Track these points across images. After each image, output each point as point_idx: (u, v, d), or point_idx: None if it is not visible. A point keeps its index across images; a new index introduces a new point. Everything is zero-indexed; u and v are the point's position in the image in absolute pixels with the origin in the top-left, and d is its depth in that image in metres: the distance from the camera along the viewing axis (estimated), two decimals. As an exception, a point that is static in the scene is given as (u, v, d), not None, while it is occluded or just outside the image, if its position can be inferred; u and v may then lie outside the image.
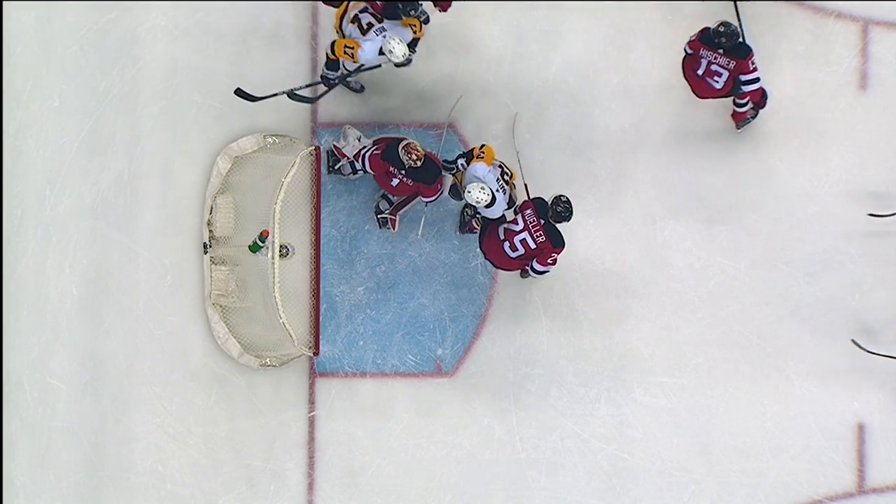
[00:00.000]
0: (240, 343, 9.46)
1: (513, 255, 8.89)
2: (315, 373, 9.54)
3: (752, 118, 9.35)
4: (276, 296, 8.85)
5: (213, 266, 9.47)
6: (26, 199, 9.55)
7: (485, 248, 9.04)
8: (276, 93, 9.11)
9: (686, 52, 8.98)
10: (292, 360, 9.48)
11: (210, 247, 9.48)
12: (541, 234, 8.80)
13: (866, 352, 9.18)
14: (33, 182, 9.55)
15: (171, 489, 9.50)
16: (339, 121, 9.45)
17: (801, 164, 9.45)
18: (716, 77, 8.89)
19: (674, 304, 9.47)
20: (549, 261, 8.88)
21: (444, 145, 9.44)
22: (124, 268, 9.56)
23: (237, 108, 9.52)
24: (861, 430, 9.40)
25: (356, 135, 9.35)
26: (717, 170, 9.49)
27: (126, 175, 9.56)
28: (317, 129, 9.53)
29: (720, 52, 8.80)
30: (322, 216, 9.37)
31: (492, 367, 9.50)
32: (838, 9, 9.46)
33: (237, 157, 9.49)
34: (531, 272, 9.01)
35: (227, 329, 9.46)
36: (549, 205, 8.77)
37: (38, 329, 9.52)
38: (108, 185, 9.56)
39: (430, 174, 8.95)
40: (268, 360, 9.47)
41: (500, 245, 8.89)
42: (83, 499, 9.49)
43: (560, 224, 8.80)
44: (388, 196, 9.35)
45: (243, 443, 9.52)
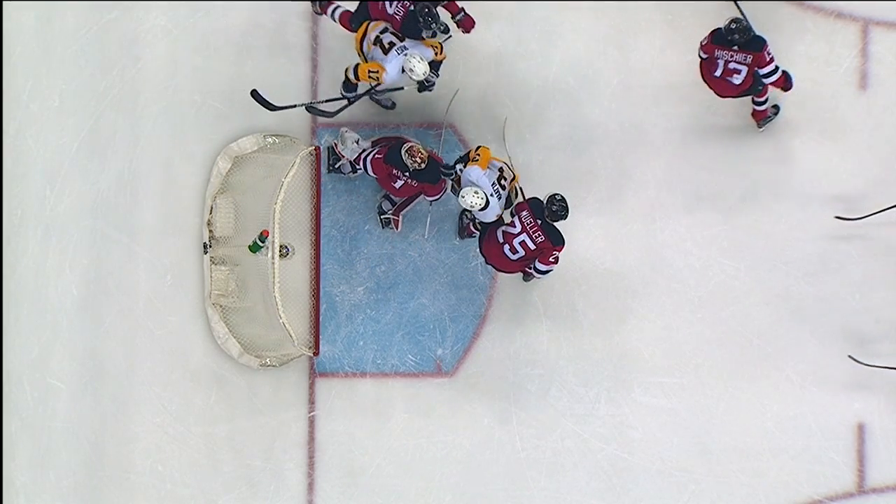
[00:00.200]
0: (240, 343, 9.46)
1: (514, 257, 8.89)
2: (315, 373, 9.54)
3: (773, 115, 9.35)
4: (276, 296, 8.85)
5: (213, 266, 9.47)
6: (26, 199, 9.55)
7: (485, 253, 9.04)
8: (294, 104, 9.09)
9: (701, 56, 8.97)
10: (292, 360, 9.48)
11: (210, 247, 9.48)
12: (539, 235, 8.80)
13: (864, 365, 9.19)
14: (33, 182, 9.55)
15: (171, 489, 9.50)
16: (339, 121, 9.43)
17: (801, 164, 9.45)
18: (735, 74, 8.90)
19: (674, 304, 9.47)
20: (550, 259, 8.88)
21: (443, 145, 9.44)
22: (124, 268, 9.56)
23: (237, 108, 9.52)
24: (861, 430, 9.40)
25: (354, 138, 9.33)
26: (717, 170, 9.49)
27: (126, 175, 9.56)
28: (317, 129, 9.53)
29: (735, 48, 8.81)
30: (322, 216, 9.37)
31: (492, 367, 9.50)
32: (838, 9, 9.46)
33: (237, 157, 9.49)
34: (535, 272, 9.00)
35: (227, 329, 9.46)
36: (545, 204, 8.77)
37: (38, 329, 9.52)
38: (108, 185, 9.56)
39: (434, 174, 8.95)
40: (268, 360, 9.48)
41: (501, 248, 8.89)
42: (83, 499, 9.50)
43: (557, 222, 8.79)
44: (391, 196, 9.34)
45: (243, 443, 9.52)
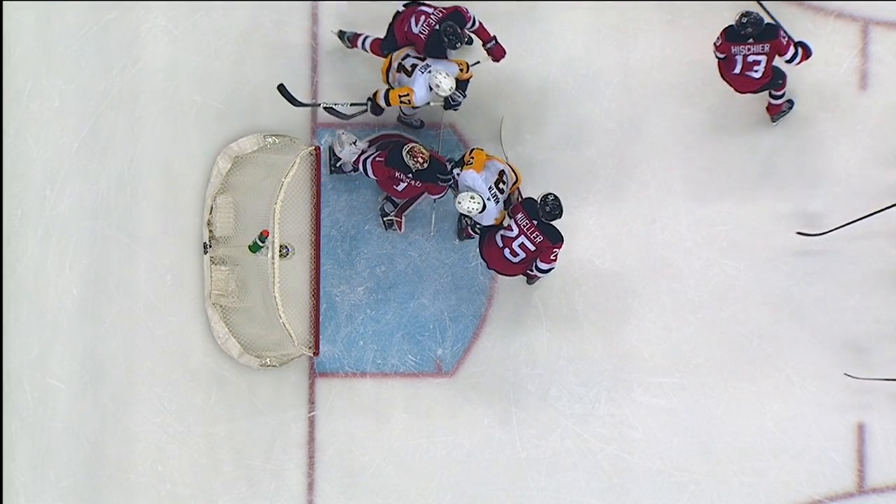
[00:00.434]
0: (240, 343, 9.46)
1: (515, 260, 8.89)
2: (315, 373, 9.54)
3: (787, 110, 9.34)
4: (276, 296, 8.85)
5: (213, 266, 9.47)
6: (26, 199, 9.55)
7: (486, 258, 9.04)
8: (316, 102, 9.20)
9: (718, 57, 8.95)
10: (292, 360, 9.48)
11: (210, 247, 9.49)
12: (537, 235, 8.80)
13: (861, 379, 9.19)
14: (33, 182, 9.55)
15: (171, 489, 9.50)
16: (340, 121, 9.43)
17: (801, 165, 9.45)
18: (755, 67, 8.88)
19: (674, 304, 9.47)
20: (551, 258, 8.88)
21: (442, 145, 9.44)
22: (124, 268, 9.56)
23: (237, 108, 9.53)
24: (861, 430, 9.40)
25: (351, 139, 9.31)
26: (717, 170, 9.49)
27: (126, 175, 9.56)
28: (317, 129, 9.53)
29: (751, 41, 8.80)
30: (322, 216, 9.38)
31: (492, 367, 9.50)
32: (838, 9, 9.46)
33: (237, 157, 9.49)
34: (537, 272, 8.99)
35: (227, 329, 9.47)
36: (538, 205, 8.77)
37: (38, 329, 9.52)
38: (108, 185, 9.56)
39: (438, 172, 8.94)
40: (268, 360, 9.48)
41: (501, 252, 8.89)
42: (83, 499, 9.50)
43: (554, 221, 8.79)
44: (392, 198, 9.33)
45: (243, 443, 9.52)
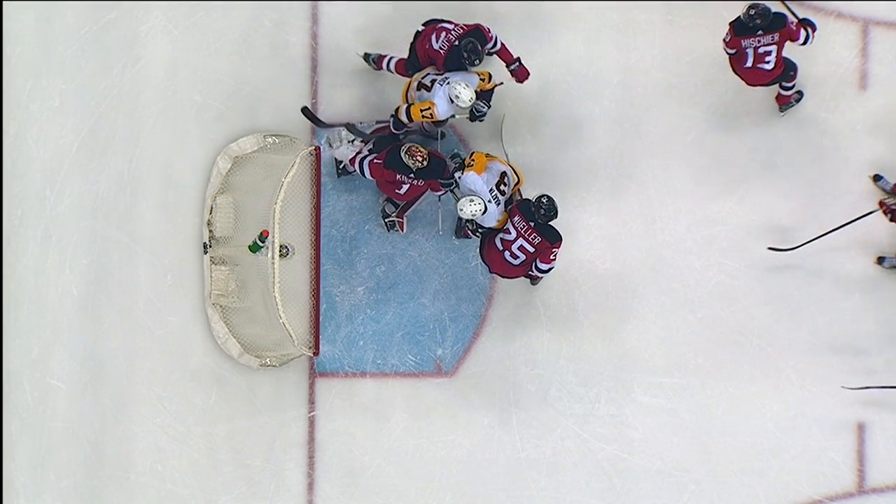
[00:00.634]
0: (240, 343, 9.46)
1: (515, 262, 8.90)
2: (315, 373, 9.54)
3: (795, 102, 9.34)
4: (276, 296, 8.86)
5: (213, 266, 9.47)
6: (26, 199, 9.55)
7: (488, 262, 9.05)
8: (342, 123, 9.23)
9: (728, 52, 8.94)
10: (292, 360, 9.48)
11: (210, 247, 9.49)
12: (535, 236, 8.80)
13: (859, 389, 9.19)
14: (33, 182, 9.55)
15: (171, 489, 9.50)
16: (340, 121, 9.44)
17: (800, 164, 9.45)
18: (766, 59, 8.86)
19: (674, 304, 9.47)
20: (551, 258, 8.88)
21: (442, 145, 9.43)
22: (124, 268, 9.56)
23: (237, 108, 9.53)
24: (861, 430, 9.40)
25: (348, 137, 9.32)
26: (717, 170, 9.49)
27: (126, 175, 9.57)
28: (316, 129, 9.53)
29: (760, 33, 8.79)
30: (322, 216, 9.38)
31: (492, 367, 9.50)
32: (838, 9, 9.46)
33: (237, 157, 9.49)
34: (537, 272, 9.00)
35: (227, 329, 9.47)
36: (532, 208, 8.77)
37: (38, 329, 9.53)
38: (108, 185, 9.56)
39: (438, 168, 8.93)
40: (268, 360, 9.48)
41: (501, 255, 8.90)
42: (83, 499, 9.50)
43: (550, 221, 8.79)
44: (393, 199, 9.32)
45: (243, 443, 9.52)
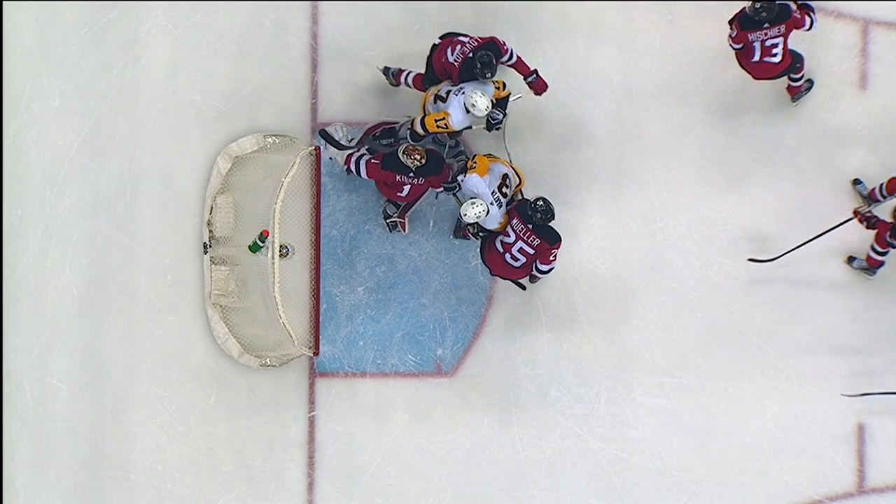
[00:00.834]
0: (240, 343, 9.46)
1: (516, 265, 8.91)
2: (315, 373, 9.54)
3: (806, 90, 9.34)
4: (276, 296, 8.85)
5: (213, 266, 9.47)
6: (26, 199, 9.55)
7: (489, 264, 9.06)
8: (360, 143, 9.15)
9: (734, 48, 8.93)
10: (292, 360, 9.48)
11: (210, 247, 9.49)
12: (534, 238, 8.81)
13: (859, 396, 9.19)
14: (33, 182, 9.55)
15: (171, 489, 9.50)
16: (340, 120, 9.43)
17: (800, 164, 9.45)
18: (773, 51, 8.85)
19: (674, 304, 9.47)
20: (550, 258, 8.89)
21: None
22: (124, 268, 9.56)
23: (237, 108, 9.53)
24: (861, 430, 9.40)
25: (348, 136, 9.30)
26: (717, 170, 9.49)
27: (126, 175, 9.56)
28: (317, 129, 9.52)
29: (766, 26, 8.78)
30: (322, 216, 9.37)
31: (492, 367, 9.50)
32: (838, 9, 9.46)
33: (237, 157, 9.49)
34: (538, 274, 9.00)
35: (227, 329, 9.46)
36: (529, 210, 8.76)
37: (38, 329, 9.52)
38: (108, 185, 9.56)
39: (437, 164, 8.93)
40: (268, 360, 9.47)
41: (502, 258, 8.91)
42: (83, 499, 9.50)
43: (549, 223, 8.80)
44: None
45: (243, 443, 9.52)
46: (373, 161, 8.94)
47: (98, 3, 9.57)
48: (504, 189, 8.91)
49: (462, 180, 8.88)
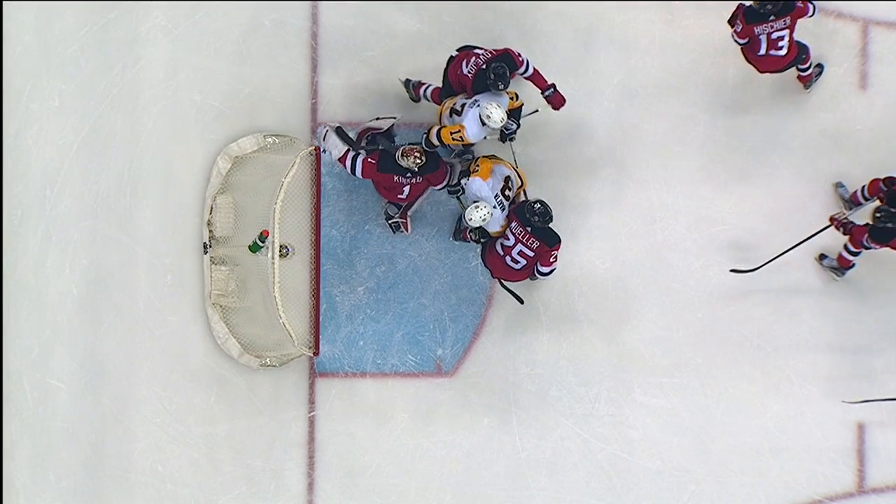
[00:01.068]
0: (240, 343, 9.46)
1: (516, 267, 8.91)
2: (315, 373, 9.54)
3: (818, 76, 9.34)
4: (276, 296, 8.85)
5: (213, 266, 9.47)
6: (26, 199, 9.55)
7: (490, 267, 9.07)
8: (378, 146, 9.13)
9: (739, 43, 8.91)
10: (292, 360, 9.48)
11: (210, 247, 9.49)
12: (533, 241, 8.80)
13: (860, 402, 9.19)
14: (33, 182, 9.55)
15: (171, 489, 9.50)
16: (340, 120, 9.43)
17: (800, 164, 9.46)
18: (779, 44, 8.84)
19: (674, 304, 9.47)
20: (550, 260, 8.88)
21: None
22: (124, 268, 9.56)
23: (237, 108, 9.53)
24: (861, 430, 9.40)
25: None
26: (717, 169, 9.49)
27: (126, 175, 9.56)
28: (316, 128, 9.53)
29: (772, 19, 8.77)
30: (322, 216, 9.37)
31: (492, 367, 9.50)
32: (838, 9, 9.46)
33: (237, 157, 9.49)
34: (538, 275, 9.00)
35: (227, 329, 9.46)
36: (527, 213, 8.75)
37: (38, 329, 9.52)
38: (108, 185, 9.56)
39: (435, 161, 8.93)
40: (268, 360, 9.48)
41: (503, 260, 8.92)
42: (83, 499, 9.50)
43: (547, 225, 8.79)
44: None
45: (243, 443, 9.52)
46: (369, 160, 8.92)
47: (98, 3, 9.57)
48: (507, 192, 8.90)
49: (465, 184, 8.88)
